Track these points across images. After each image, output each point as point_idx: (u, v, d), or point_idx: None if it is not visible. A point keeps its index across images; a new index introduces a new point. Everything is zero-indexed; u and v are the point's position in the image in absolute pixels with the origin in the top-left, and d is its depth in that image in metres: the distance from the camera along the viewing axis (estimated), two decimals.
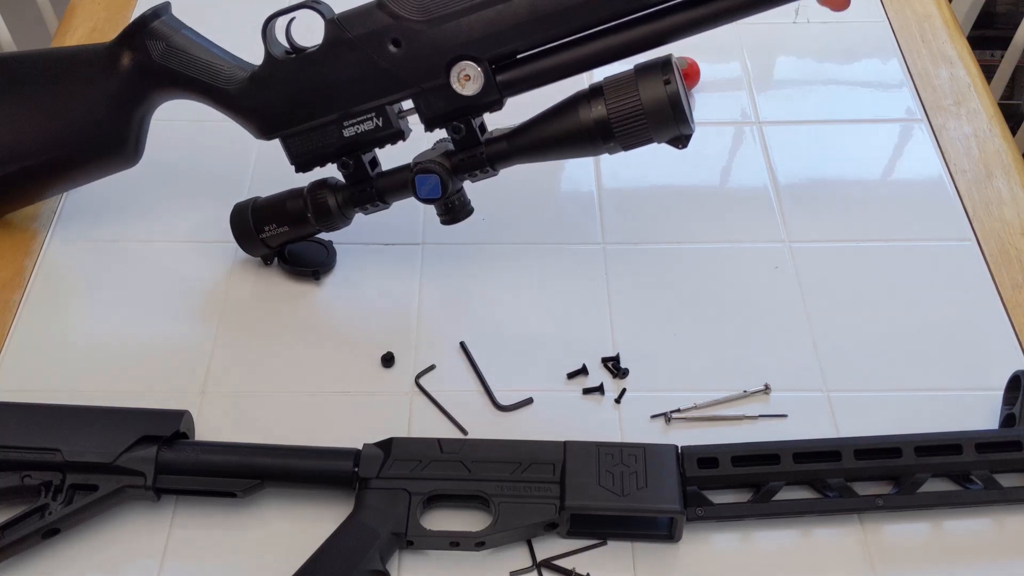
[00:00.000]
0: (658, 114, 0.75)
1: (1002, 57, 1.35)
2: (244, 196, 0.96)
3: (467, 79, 0.78)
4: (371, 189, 0.85)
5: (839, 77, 1.09)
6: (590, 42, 0.77)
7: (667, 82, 0.75)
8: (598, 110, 0.76)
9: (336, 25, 0.79)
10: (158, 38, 0.83)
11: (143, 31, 0.83)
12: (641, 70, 0.76)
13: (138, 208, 0.96)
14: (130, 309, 0.89)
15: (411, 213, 0.95)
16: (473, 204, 0.86)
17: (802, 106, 1.07)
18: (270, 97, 0.83)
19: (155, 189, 0.98)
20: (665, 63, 0.76)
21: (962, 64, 1.10)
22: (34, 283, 0.91)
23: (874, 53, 1.05)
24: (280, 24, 0.82)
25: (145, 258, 0.93)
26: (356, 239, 0.93)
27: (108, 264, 0.93)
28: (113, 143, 0.87)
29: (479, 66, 0.78)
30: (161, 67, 0.84)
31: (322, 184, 0.86)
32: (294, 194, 0.87)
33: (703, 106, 1.05)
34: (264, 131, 0.85)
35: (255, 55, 0.84)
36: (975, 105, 1.05)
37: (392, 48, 0.79)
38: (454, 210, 0.84)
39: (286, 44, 0.83)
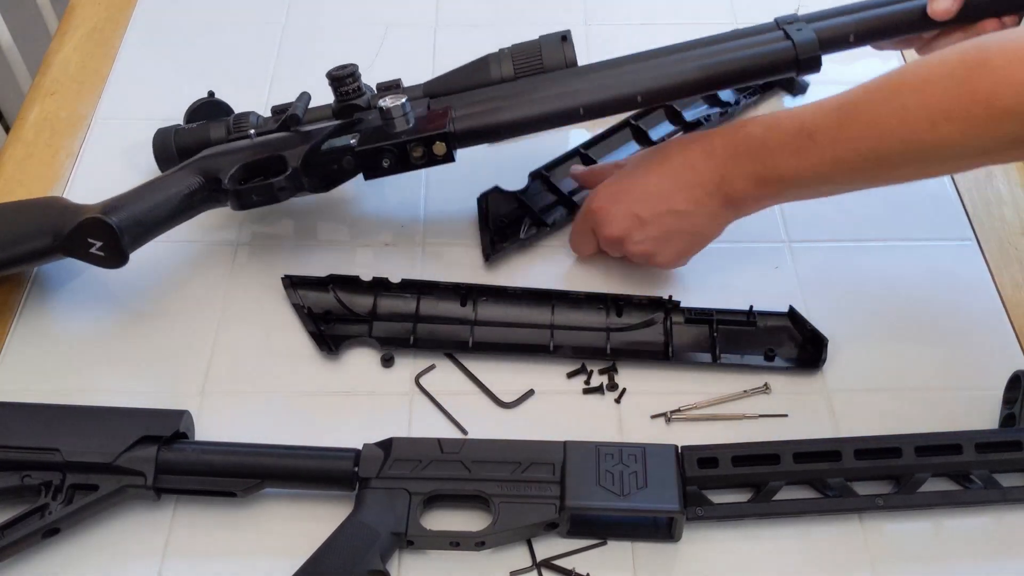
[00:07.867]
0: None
1: None
2: None
3: None
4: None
5: (839, 78, 1.08)
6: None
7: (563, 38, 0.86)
8: (507, 67, 0.86)
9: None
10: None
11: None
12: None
13: None
14: (130, 309, 0.89)
15: (412, 213, 0.95)
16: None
17: None
18: None
19: None
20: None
21: None
22: (34, 283, 0.91)
23: (874, 53, 1.04)
24: None
25: (145, 257, 0.93)
26: (357, 239, 0.93)
27: None
28: None
29: None
30: None
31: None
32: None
33: None
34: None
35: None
36: None
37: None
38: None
39: None
